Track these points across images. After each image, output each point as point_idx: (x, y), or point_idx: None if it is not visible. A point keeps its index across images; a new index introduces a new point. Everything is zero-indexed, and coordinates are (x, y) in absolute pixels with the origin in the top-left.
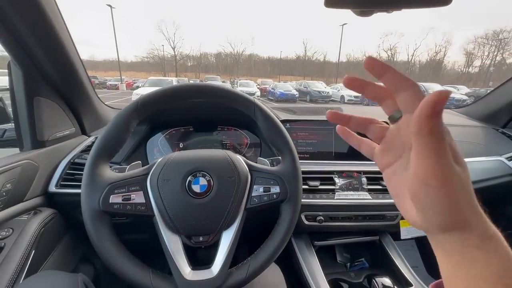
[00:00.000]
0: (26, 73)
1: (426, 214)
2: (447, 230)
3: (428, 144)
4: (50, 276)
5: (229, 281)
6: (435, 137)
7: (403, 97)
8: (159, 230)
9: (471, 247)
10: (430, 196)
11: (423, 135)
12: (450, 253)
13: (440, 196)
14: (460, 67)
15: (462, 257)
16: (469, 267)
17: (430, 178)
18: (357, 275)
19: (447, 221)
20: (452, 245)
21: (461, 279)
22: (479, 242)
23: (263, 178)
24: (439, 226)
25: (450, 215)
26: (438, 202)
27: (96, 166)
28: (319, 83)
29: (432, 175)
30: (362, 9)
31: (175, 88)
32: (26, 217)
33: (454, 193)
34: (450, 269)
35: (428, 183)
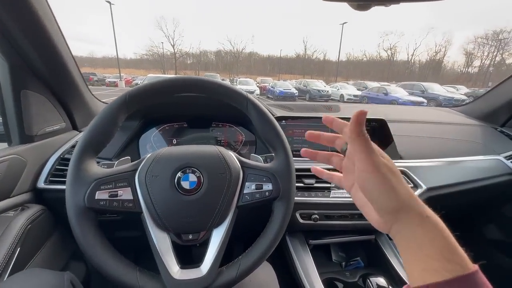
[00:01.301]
0: (12, 66)
1: (375, 202)
2: (394, 212)
3: (359, 144)
4: (34, 274)
5: (219, 280)
6: (362, 139)
7: (345, 132)
8: (147, 227)
9: (417, 227)
10: (369, 181)
11: (354, 139)
12: (405, 239)
13: (377, 179)
14: (460, 67)
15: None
16: (421, 249)
17: (366, 166)
18: (352, 275)
19: (391, 204)
20: (405, 230)
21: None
22: (419, 221)
23: (256, 175)
24: (388, 211)
25: (391, 196)
26: (377, 185)
27: (81, 161)
28: (319, 82)
29: (366, 164)
30: (359, 3)
31: (164, 82)
32: (12, 213)
33: (386, 176)
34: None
35: (365, 171)
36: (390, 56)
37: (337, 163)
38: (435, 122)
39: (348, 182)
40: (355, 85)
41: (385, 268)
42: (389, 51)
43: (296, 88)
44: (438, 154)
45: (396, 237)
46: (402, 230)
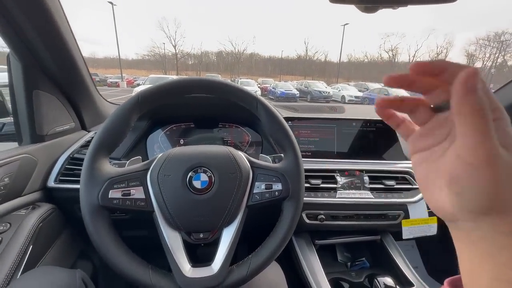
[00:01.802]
0: (26, 66)
1: (462, 198)
2: (480, 214)
3: (470, 123)
4: (47, 272)
5: (230, 278)
6: (475, 116)
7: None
8: (159, 226)
9: (502, 234)
10: (471, 177)
11: (464, 115)
12: (476, 242)
13: (482, 176)
14: None
15: (491, 245)
16: (498, 255)
17: (473, 158)
18: (358, 275)
19: (483, 204)
20: (480, 233)
21: (486, 270)
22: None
23: (265, 175)
24: (473, 210)
25: (489, 198)
26: (480, 183)
27: (95, 160)
28: (320, 83)
29: (476, 154)
30: (367, 5)
31: (176, 82)
32: (24, 212)
33: (498, 175)
34: (475, 260)
35: (471, 163)
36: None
37: (421, 116)
38: None
39: (421, 144)
40: (356, 86)
41: (391, 268)
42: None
43: (297, 89)
44: None
45: (461, 233)
46: (476, 231)
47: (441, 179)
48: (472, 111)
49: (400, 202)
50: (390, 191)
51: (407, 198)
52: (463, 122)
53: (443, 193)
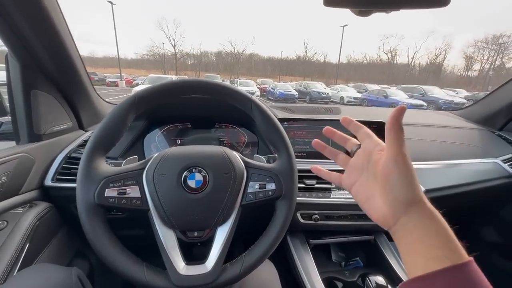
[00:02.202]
0: (24, 66)
1: (395, 190)
2: (410, 204)
3: (396, 135)
4: (44, 269)
5: (223, 276)
6: (399, 131)
7: (361, 132)
8: (154, 224)
9: (426, 219)
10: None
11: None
12: (411, 232)
13: (406, 170)
14: (460, 70)
15: (420, 230)
16: (425, 238)
17: (398, 156)
18: (351, 274)
19: (411, 194)
20: (412, 222)
21: (420, 252)
22: (430, 214)
23: (259, 174)
24: (405, 201)
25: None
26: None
27: (92, 159)
28: (319, 84)
29: (399, 154)
30: (360, 9)
31: (172, 83)
32: (21, 210)
33: (412, 169)
34: (411, 247)
35: (397, 160)
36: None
37: (342, 161)
38: (434, 125)
39: (350, 180)
40: (355, 87)
41: (384, 268)
42: (390, 54)
43: (296, 90)
44: (437, 156)
45: (400, 230)
46: (410, 221)
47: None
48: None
49: None
50: None
51: None
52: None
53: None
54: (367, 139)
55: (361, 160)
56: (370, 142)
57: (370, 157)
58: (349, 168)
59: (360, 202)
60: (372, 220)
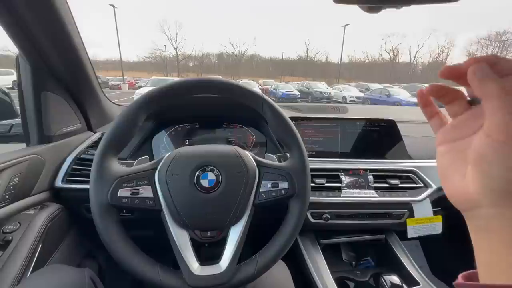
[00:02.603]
0: (34, 68)
1: (488, 175)
2: (502, 198)
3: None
4: (57, 270)
5: (238, 276)
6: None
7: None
8: (167, 224)
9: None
10: (499, 152)
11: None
12: (496, 230)
13: (506, 150)
14: None
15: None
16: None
17: (502, 134)
18: (363, 274)
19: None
20: (501, 220)
21: (505, 259)
22: None
23: (271, 173)
24: (497, 190)
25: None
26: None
27: (104, 160)
28: (321, 84)
29: (504, 131)
30: (370, 5)
31: (183, 82)
32: (33, 212)
33: None
34: (493, 250)
35: (499, 140)
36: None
37: (457, 109)
38: None
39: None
40: (358, 87)
41: (396, 267)
42: (392, 53)
43: (299, 90)
44: None
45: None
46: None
47: (464, 167)
48: (492, 94)
49: (405, 201)
50: (394, 190)
51: (411, 197)
52: (489, 103)
53: (466, 179)
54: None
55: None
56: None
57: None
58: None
59: (441, 167)
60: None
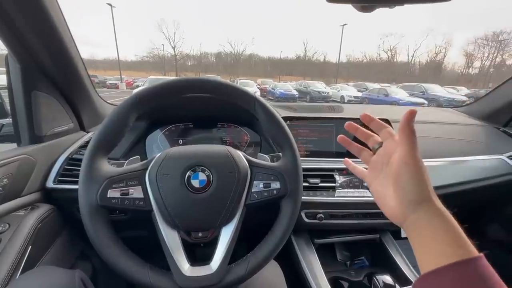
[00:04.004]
0: (24, 67)
1: (405, 190)
2: (418, 203)
3: (408, 139)
4: (47, 272)
5: (228, 277)
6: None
7: (383, 132)
8: (158, 225)
9: (435, 217)
10: (408, 173)
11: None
12: (422, 229)
13: (415, 171)
14: (460, 68)
15: (429, 229)
16: (435, 236)
17: (410, 158)
18: (357, 273)
19: (419, 194)
20: (422, 220)
21: (431, 250)
22: (439, 212)
23: (263, 173)
24: (413, 200)
25: (421, 189)
26: (414, 177)
27: (94, 160)
28: (319, 83)
29: (410, 157)
30: (363, 4)
31: (174, 82)
32: (23, 213)
33: (423, 171)
34: (422, 245)
35: (406, 162)
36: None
37: (365, 157)
38: (438, 122)
39: (371, 176)
40: (356, 86)
41: (390, 267)
42: (389, 53)
43: (297, 90)
44: (442, 153)
45: (410, 227)
46: (419, 220)
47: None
48: (410, 131)
49: None
50: None
51: None
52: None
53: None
54: (389, 138)
55: (381, 159)
56: (391, 142)
57: (389, 156)
58: (371, 165)
59: (376, 198)
60: (386, 216)
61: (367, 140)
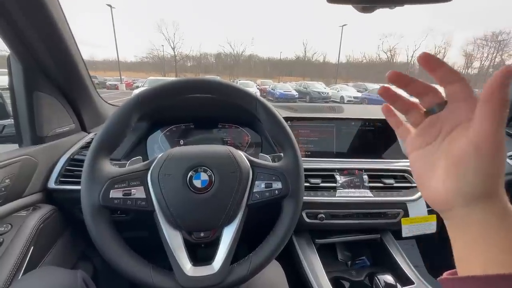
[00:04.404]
0: (26, 68)
1: (462, 180)
2: (473, 199)
3: (496, 111)
4: (49, 272)
5: (230, 277)
6: (503, 106)
7: (454, 88)
8: (160, 225)
9: (494, 217)
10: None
11: (492, 102)
12: (470, 227)
13: (489, 160)
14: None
15: (484, 228)
16: (488, 238)
17: (487, 143)
18: (358, 273)
19: (482, 188)
20: (473, 218)
21: (478, 253)
22: (502, 212)
23: (265, 174)
24: (468, 193)
25: (488, 182)
26: (485, 166)
27: (96, 160)
28: (319, 84)
29: (488, 139)
30: (364, 5)
31: (176, 83)
32: (25, 213)
33: (499, 159)
34: (467, 244)
35: (480, 147)
36: (389, 57)
37: (415, 118)
38: None
39: (417, 143)
40: (355, 86)
41: (391, 267)
42: (389, 53)
43: (296, 90)
44: None
45: (455, 220)
46: (471, 215)
47: (435, 170)
48: (500, 102)
49: (400, 200)
50: (389, 189)
51: (406, 197)
52: (486, 109)
53: (441, 181)
54: (461, 101)
55: (439, 126)
56: (462, 107)
57: (452, 127)
58: (420, 131)
59: (416, 173)
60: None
61: (423, 96)
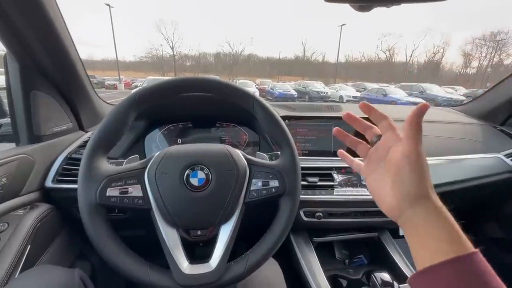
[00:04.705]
0: (23, 67)
1: (404, 184)
2: (416, 198)
3: (414, 132)
4: (46, 271)
5: (227, 275)
6: (418, 129)
7: (383, 123)
8: (157, 223)
9: (432, 214)
10: (409, 167)
11: (413, 127)
12: (418, 225)
13: (416, 166)
14: (458, 68)
15: (427, 225)
16: (432, 232)
17: (412, 153)
18: (356, 272)
19: (418, 189)
20: (419, 217)
21: (427, 246)
22: (436, 209)
23: (262, 172)
24: (412, 194)
25: (421, 184)
26: (414, 171)
27: (93, 159)
28: (318, 83)
29: (414, 151)
30: (361, 4)
31: (173, 81)
32: (22, 212)
33: (425, 167)
34: (418, 241)
35: (410, 156)
36: (388, 57)
37: (362, 150)
38: (436, 121)
39: (368, 170)
40: (354, 86)
41: (388, 265)
42: (388, 53)
43: (295, 90)
44: (440, 152)
45: (406, 222)
46: (416, 215)
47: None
48: (418, 126)
49: None
50: None
51: None
52: (411, 133)
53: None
54: (389, 132)
55: (379, 152)
56: (391, 136)
57: (388, 150)
58: (368, 158)
59: (373, 192)
60: (381, 210)
61: (366, 132)
